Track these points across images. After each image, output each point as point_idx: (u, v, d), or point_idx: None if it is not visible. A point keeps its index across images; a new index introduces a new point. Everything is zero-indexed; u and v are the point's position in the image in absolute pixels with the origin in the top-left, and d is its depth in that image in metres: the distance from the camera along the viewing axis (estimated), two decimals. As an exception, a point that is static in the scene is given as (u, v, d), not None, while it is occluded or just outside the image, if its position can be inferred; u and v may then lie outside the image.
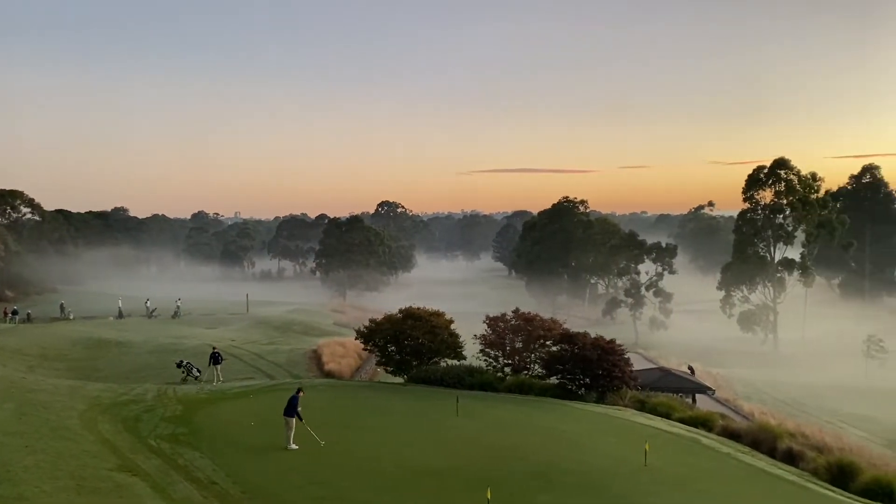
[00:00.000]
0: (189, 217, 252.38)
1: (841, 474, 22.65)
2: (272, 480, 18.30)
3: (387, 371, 41.93)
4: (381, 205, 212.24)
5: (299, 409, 22.26)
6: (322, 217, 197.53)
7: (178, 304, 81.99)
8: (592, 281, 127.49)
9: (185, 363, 40.99)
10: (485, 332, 40.52)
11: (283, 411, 22.26)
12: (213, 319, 77.91)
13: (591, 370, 34.60)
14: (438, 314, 40.61)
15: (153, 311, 78.85)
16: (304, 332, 72.38)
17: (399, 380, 39.67)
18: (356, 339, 43.11)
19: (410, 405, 30.30)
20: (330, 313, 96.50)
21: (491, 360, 39.92)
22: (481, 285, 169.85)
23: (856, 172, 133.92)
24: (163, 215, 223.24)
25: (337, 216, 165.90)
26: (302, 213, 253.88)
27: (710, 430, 28.84)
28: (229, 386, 34.94)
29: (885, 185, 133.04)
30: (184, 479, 17.76)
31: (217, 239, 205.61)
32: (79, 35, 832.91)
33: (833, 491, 21.11)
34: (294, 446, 21.86)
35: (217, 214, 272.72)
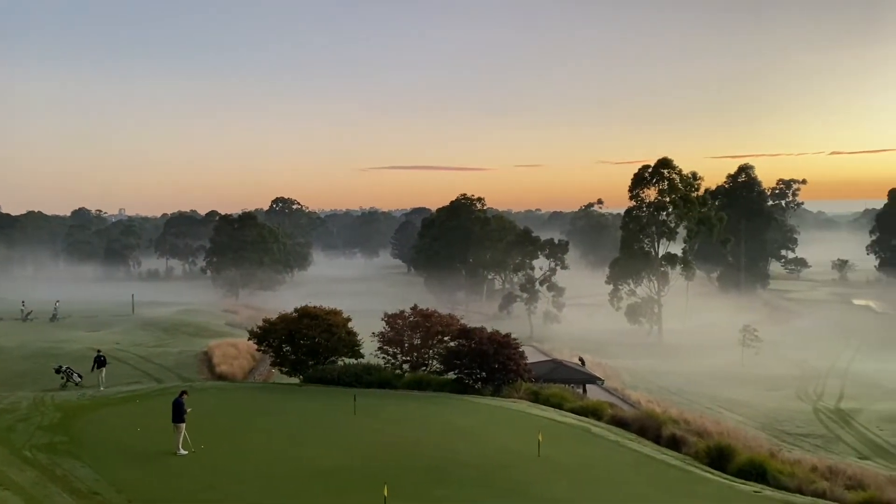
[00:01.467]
0: (69, 214, 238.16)
1: (720, 457, 24.00)
2: (159, 488, 17.57)
3: (282, 372, 41.08)
4: (276, 201, 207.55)
5: (188, 410, 21.52)
6: (213, 214, 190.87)
7: (57, 305, 77.20)
8: (490, 277, 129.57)
9: (64, 368, 38.68)
10: (383, 330, 40.41)
11: (171, 417, 21.47)
12: (95, 322, 73.75)
13: (488, 364, 35.15)
14: (335, 312, 40.13)
15: (29, 313, 73.86)
16: (195, 333, 69.77)
17: (295, 380, 38.96)
18: (249, 339, 41.98)
19: (306, 405, 29.83)
20: (222, 314, 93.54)
21: (389, 357, 39.86)
22: (380, 283, 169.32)
23: (732, 172, 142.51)
24: (39, 212, 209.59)
25: (229, 213, 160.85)
26: (191, 210, 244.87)
27: (599, 419, 29.91)
28: (114, 391, 33.23)
29: (759, 183, 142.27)
30: (62, 491, 16.76)
31: (99, 237, 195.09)
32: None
33: (713, 473, 22.36)
34: (183, 452, 21.10)
35: (100, 212, 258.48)
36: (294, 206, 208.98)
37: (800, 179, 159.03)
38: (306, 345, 38.66)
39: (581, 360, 55.06)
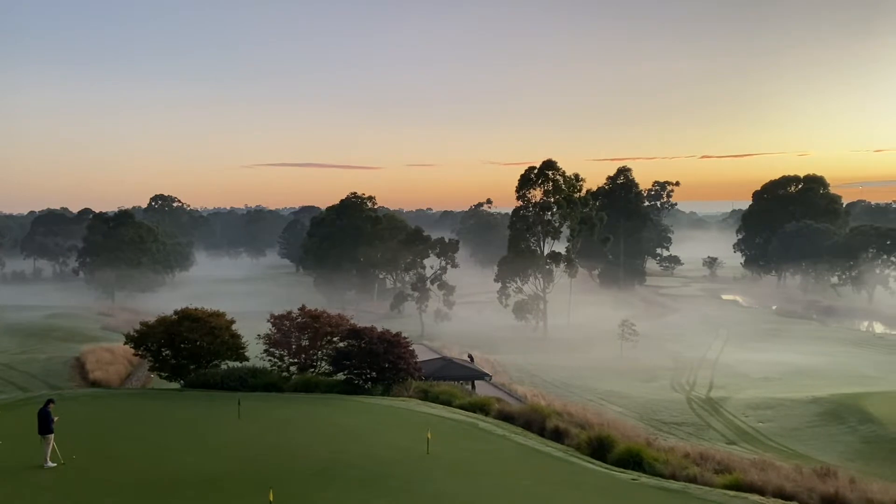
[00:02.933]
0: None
1: (600, 447, 24.96)
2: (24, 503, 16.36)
3: (161, 377, 39.31)
4: (155, 199, 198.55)
5: (55, 419, 20.18)
6: (86, 212, 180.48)
7: None
8: (381, 276, 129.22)
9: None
10: (269, 332, 39.42)
11: (37, 429, 20.06)
12: (-50, 328, 68.03)
13: (378, 363, 35.02)
14: (218, 314, 38.78)
15: None
16: (66, 338, 65.66)
17: (175, 385, 37.37)
18: (126, 343, 39.90)
19: (187, 411, 28.67)
20: (96, 317, 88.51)
21: (276, 359, 38.92)
22: (267, 283, 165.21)
23: (612, 174, 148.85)
24: None
25: (103, 211, 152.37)
26: (62, 208, 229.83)
27: (487, 414, 30.44)
28: (-29, 403, 30.67)
29: (636, 185, 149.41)
30: None
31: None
32: None
33: (593, 463, 23.23)
34: (51, 464, 19.77)
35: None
36: (174, 204, 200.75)
37: (673, 182, 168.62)
38: (187, 348, 37.15)
39: (470, 356, 55.89)
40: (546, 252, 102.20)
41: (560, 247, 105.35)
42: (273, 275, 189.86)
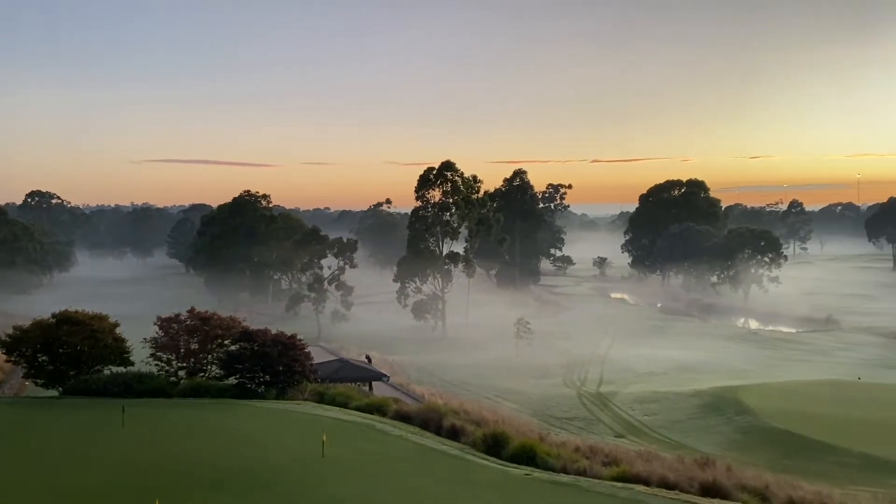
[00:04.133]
0: None
1: (495, 444, 25.39)
2: None
3: (37, 384, 36.92)
4: (31, 195, 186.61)
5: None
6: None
7: None
8: (276, 277, 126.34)
9: None
10: (156, 335, 37.75)
11: None
12: None
13: (272, 367, 34.25)
14: (101, 317, 36.75)
15: None
16: (-73, 345, 60.44)
17: (53, 392, 35.18)
18: (-3, 349, 37.16)
19: (66, 420, 27.06)
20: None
21: (163, 364, 37.30)
22: (155, 284, 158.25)
23: (508, 176, 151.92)
24: None
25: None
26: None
27: (384, 415, 30.37)
28: None
29: (531, 187, 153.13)
30: None
31: None
32: None
33: (488, 460, 23.59)
34: None
35: None
36: (53, 201, 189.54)
37: (566, 184, 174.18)
38: (66, 353, 35.03)
39: (368, 357, 55.63)
40: (445, 252, 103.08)
41: (458, 247, 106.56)
42: (161, 276, 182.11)
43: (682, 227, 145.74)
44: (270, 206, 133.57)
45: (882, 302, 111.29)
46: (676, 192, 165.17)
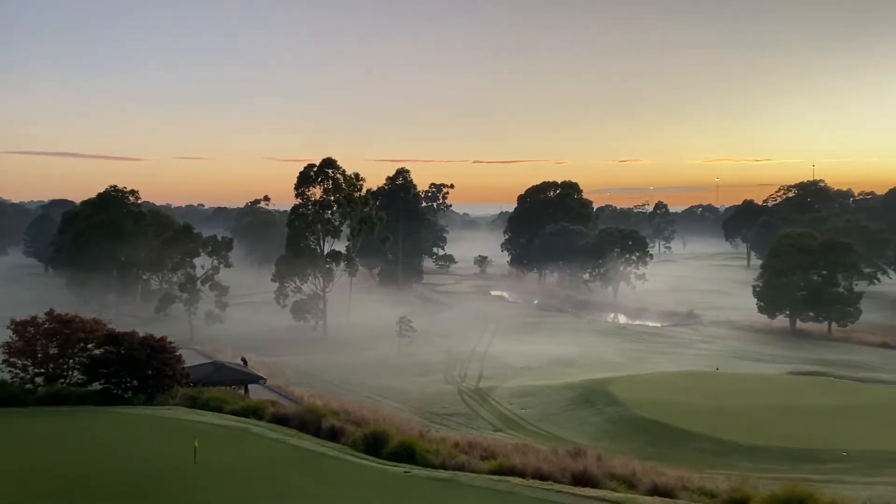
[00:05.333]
0: None
1: (375, 443, 25.28)
2: None
3: None
4: None
5: None
6: None
7: None
8: (145, 277, 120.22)
9: None
10: (10, 340, 34.98)
11: None
12: None
13: (140, 371, 32.64)
14: (-55, 321, 33.70)
15: None
16: None
17: None
18: None
19: None
20: None
21: (18, 370, 34.62)
22: (9, 285, 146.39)
23: (391, 175, 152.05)
24: None
25: None
26: None
27: (261, 418, 29.59)
28: None
29: (414, 186, 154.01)
30: None
31: None
32: None
33: (367, 459, 23.49)
34: None
35: None
36: None
37: (448, 184, 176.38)
38: None
39: (244, 360, 54.17)
40: (326, 251, 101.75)
41: (340, 246, 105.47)
42: (17, 275, 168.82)
43: (557, 226, 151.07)
44: (139, 202, 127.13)
45: (737, 297, 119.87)
46: (552, 194, 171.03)
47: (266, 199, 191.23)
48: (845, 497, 19.51)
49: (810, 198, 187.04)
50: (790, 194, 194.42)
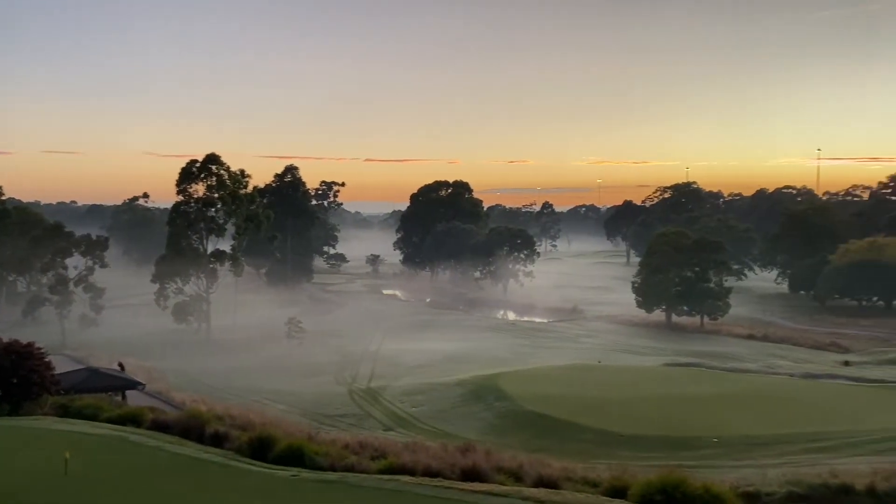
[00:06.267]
0: None
1: (261, 447, 24.59)
2: None
3: None
4: None
5: None
6: None
7: None
8: (11, 278, 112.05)
9: None
10: None
11: None
12: None
13: (5, 379, 30.43)
14: None
15: None
16: None
17: None
18: None
19: None
20: None
21: None
22: None
23: (279, 172, 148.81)
24: None
25: None
26: None
27: (139, 425, 28.23)
28: None
29: (303, 184, 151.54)
30: None
31: None
32: None
33: (253, 464, 22.83)
34: None
35: None
36: None
37: (339, 182, 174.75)
38: None
39: (121, 365, 51.61)
40: (210, 250, 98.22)
41: (225, 245, 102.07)
42: None
43: (448, 225, 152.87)
44: (3, 198, 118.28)
45: (617, 293, 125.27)
46: (444, 193, 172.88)
47: (145, 196, 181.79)
48: (715, 480, 20.72)
49: (684, 198, 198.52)
50: (666, 195, 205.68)
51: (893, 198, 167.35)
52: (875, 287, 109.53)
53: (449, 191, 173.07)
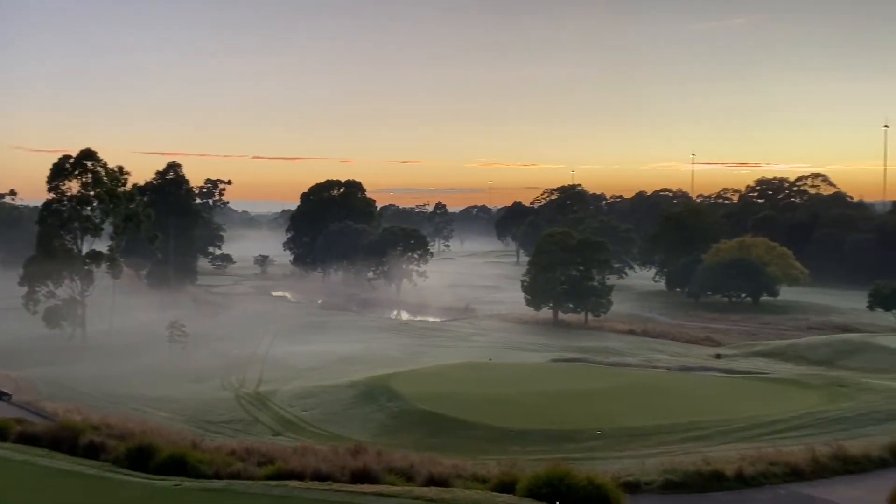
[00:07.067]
0: None
1: (141, 457, 23.42)
2: None
3: None
4: None
5: None
6: None
7: None
8: None
9: None
10: None
11: None
12: None
13: None
14: None
15: None
16: None
17: None
18: None
19: None
20: None
21: None
22: None
23: (161, 169, 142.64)
24: None
25: None
26: None
27: (4, 438, 26.26)
28: None
29: (187, 181, 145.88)
30: None
31: None
32: None
33: (132, 475, 21.74)
34: None
35: None
36: None
37: (225, 180, 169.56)
38: None
39: (-16, 374, 47.81)
40: (85, 251, 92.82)
41: (102, 245, 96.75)
42: None
43: (341, 225, 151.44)
44: None
45: (507, 292, 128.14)
46: (336, 192, 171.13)
47: (13, 193, 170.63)
48: (598, 471, 21.52)
49: (570, 200, 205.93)
50: (553, 197, 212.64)
51: (760, 200, 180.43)
52: (743, 284, 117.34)
53: (341, 190, 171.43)
